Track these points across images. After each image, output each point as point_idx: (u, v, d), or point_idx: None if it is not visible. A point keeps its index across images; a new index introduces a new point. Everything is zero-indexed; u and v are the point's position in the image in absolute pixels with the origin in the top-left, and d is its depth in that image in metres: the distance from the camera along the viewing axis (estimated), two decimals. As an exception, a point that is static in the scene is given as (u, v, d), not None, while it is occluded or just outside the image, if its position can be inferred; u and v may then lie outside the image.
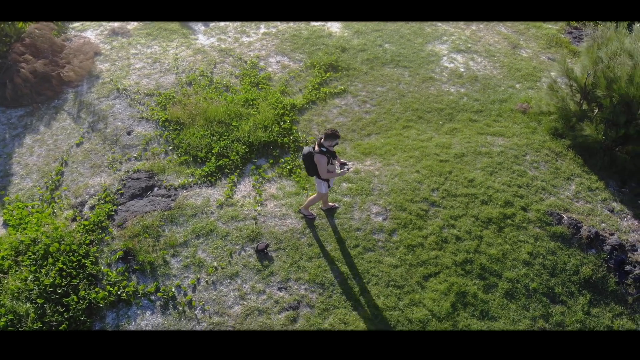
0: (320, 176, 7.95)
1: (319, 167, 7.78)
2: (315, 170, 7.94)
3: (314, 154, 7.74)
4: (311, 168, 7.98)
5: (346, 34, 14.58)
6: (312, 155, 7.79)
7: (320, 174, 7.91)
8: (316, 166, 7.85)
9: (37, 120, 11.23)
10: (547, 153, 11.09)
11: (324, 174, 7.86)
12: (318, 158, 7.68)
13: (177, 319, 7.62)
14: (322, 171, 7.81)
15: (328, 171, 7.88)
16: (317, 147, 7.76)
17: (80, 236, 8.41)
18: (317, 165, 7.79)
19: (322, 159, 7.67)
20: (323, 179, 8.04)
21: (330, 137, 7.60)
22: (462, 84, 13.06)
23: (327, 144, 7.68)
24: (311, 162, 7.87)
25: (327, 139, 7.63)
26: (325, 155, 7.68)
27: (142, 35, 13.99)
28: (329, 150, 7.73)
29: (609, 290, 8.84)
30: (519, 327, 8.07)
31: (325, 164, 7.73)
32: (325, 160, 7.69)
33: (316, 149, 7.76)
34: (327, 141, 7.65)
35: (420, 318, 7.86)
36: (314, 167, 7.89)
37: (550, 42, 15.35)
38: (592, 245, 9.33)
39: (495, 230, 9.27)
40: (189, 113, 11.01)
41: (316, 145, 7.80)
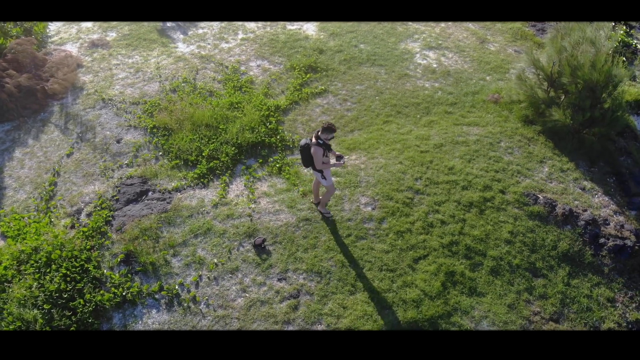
0: (316, 167, 8.30)
1: (315, 159, 8.13)
2: (311, 161, 8.29)
3: (311, 145, 8.10)
4: (307, 159, 8.34)
5: (322, 36, 15.00)
6: (309, 147, 8.15)
7: (315, 165, 8.26)
8: (312, 158, 8.19)
9: (24, 133, 11.28)
10: (519, 139, 11.69)
11: (318, 165, 8.22)
12: (314, 150, 8.05)
13: (182, 314, 7.86)
14: (317, 162, 8.17)
15: (323, 162, 8.24)
16: (314, 139, 8.11)
17: (80, 242, 8.56)
18: (313, 156, 8.14)
19: (318, 150, 8.04)
20: (317, 170, 8.39)
21: (327, 131, 7.98)
22: (435, 79, 13.61)
23: (324, 137, 8.05)
24: (308, 154, 8.22)
25: (324, 132, 8.00)
26: (322, 147, 8.05)
27: (122, 46, 14.12)
28: (325, 143, 8.10)
29: (585, 262, 9.45)
30: (505, 301, 8.58)
31: (321, 156, 8.10)
32: (321, 152, 8.05)
33: (313, 141, 8.12)
34: (324, 134, 8.02)
35: (414, 298, 8.28)
36: (310, 158, 8.25)
37: (515, 35, 16.08)
38: (567, 222, 9.94)
39: (476, 213, 9.78)
40: (176, 119, 11.24)
41: (313, 137, 8.15)
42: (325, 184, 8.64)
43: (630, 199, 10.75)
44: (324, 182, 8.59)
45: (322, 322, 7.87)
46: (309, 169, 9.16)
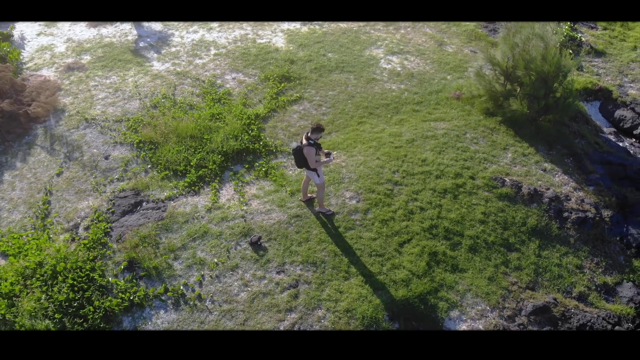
0: (310, 166, 8.85)
1: (309, 158, 8.69)
2: (304, 161, 8.84)
3: (303, 147, 8.65)
4: (301, 160, 8.88)
5: (291, 47, 15.65)
6: (301, 149, 8.70)
7: (309, 164, 8.81)
8: (305, 158, 8.74)
9: (11, 157, 11.41)
10: (483, 130, 12.60)
11: (312, 164, 8.78)
12: (307, 150, 8.61)
13: (190, 312, 8.24)
14: (311, 161, 8.73)
15: (316, 161, 8.81)
16: (304, 140, 8.67)
17: (83, 254, 8.82)
18: (306, 157, 8.68)
19: (310, 150, 8.60)
20: (312, 169, 8.94)
21: (316, 131, 8.56)
22: (401, 81, 14.45)
23: (314, 137, 8.63)
24: (301, 155, 8.77)
25: (313, 132, 8.58)
26: (314, 147, 8.61)
27: (98, 67, 14.37)
28: (316, 143, 8.67)
29: (553, 235, 10.33)
30: (485, 275, 9.32)
31: (314, 155, 8.67)
32: (313, 151, 8.62)
33: (304, 142, 8.67)
34: (313, 134, 8.60)
35: (403, 278, 8.92)
36: (303, 159, 8.79)
37: (470, 37, 17.16)
38: (533, 200, 10.82)
39: (451, 198, 10.55)
40: (161, 132, 11.61)
41: (304, 139, 8.71)
42: (318, 182, 9.20)
43: (587, 176, 11.76)
44: (317, 179, 9.15)
45: (322, 306, 8.39)
46: (302, 170, 9.66)
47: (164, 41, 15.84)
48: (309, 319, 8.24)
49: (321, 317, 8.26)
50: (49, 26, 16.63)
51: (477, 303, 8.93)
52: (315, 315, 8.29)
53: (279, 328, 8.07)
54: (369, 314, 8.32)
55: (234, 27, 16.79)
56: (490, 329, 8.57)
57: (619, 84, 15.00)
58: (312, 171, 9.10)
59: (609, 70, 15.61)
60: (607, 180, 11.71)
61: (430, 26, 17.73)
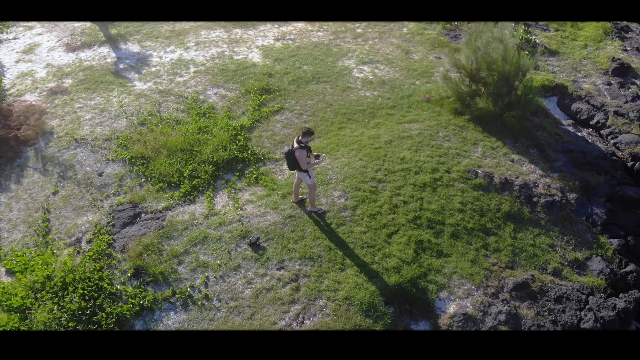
0: (302, 168, 9.42)
1: (300, 160, 9.27)
2: (296, 164, 9.41)
3: (295, 150, 9.23)
4: (293, 163, 9.45)
5: (268, 62, 16.30)
6: (293, 152, 9.27)
7: (301, 166, 9.39)
8: (296, 161, 9.31)
9: (5, 180, 11.57)
10: (453, 128, 13.48)
11: (304, 165, 9.36)
12: (299, 153, 9.19)
13: (199, 311, 8.65)
14: (302, 163, 9.31)
15: (307, 162, 9.40)
16: (296, 144, 9.26)
17: (89, 265, 9.13)
18: (298, 159, 9.26)
19: (302, 152, 9.19)
20: (304, 170, 9.52)
21: (307, 134, 9.17)
22: (374, 88, 15.26)
23: (305, 140, 9.22)
24: (292, 158, 9.34)
25: (304, 136, 9.18)
26: (304, 149, 9.20)
27: (81, 90, 14.65)
28: (307, 146, 9.27)
29: (525, 218, 11.19)
30: (468, 258, 10.06)
31: (305, 156, 9.26)
32: (304, 153, 9.21)
33: (295, 145, 9.25)
34: (304, 138, 9.20)
35: (394, 265, 9.56)
36: (295, 161, 9.36)
37: (433, 44, 18.20)
38: (504, 188, 11.69)
39: (430, 191, 11.30)
40: (152, 147, 12.00)
41: (295, 142, 9.29)
42: (309, 182, 9.79)
43: (551, 164, 12.74)
44: (309, 180, 9.73)
45: (322, 296, 8.93)
46: (293, 173, 10.17)
47: (143, 62, 16.24)
48: (312, 308, 8.76)
49: (322, 307, 8.80)
50: (27, 53, 16.80)
51: (463, 283, 9.64)
52: (317, 304, 8.82)
53: (284, 319, 8.56)
54: (367, 300, 8.91)
55: (210, 45, 17.34)
56: (477, 306, 9.28)
57: (573, 80, 16.23)
58: (303, 172, 9.68)
59: (563, 68, 16.85)
60: (570, 166, 12.72)
61: (395, 36, 18.70)
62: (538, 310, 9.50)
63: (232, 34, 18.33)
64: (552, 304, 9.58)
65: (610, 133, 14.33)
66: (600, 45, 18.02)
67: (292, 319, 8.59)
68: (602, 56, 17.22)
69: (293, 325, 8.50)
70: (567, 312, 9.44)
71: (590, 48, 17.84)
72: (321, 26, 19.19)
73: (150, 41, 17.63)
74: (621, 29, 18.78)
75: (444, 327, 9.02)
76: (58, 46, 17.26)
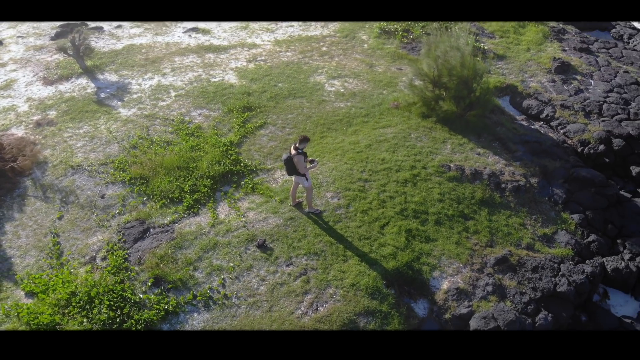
0: (300, 172, 10.28)
1: (299, 166, 10.13)
2: (294, 169, 10.26)
3: (293, 156, 10.09)
4: (291, 168, 10.30)
5: (244, 82, 17.15)
6: (291, 159, 10.12)
7: (300, 170, 10.25)
8: (294, 166, 10.17)
9: (7, 210, 11.81)
10: (423, 129, 14.72)
11: (302, 170, 10.24)
12: (297, 158, 10.06)
13: (220, 310, 9.28)
14: (301, 168, 10.18)
15: (305, 167, 10.27)
16: (293, 150, 10.12)
17: (110, 279, 9.60)
18: (297, 164, 10.12)
19: (300, 158, 10.07)
20: (302, 174, 10.38)
21: (303, 141, 10.06)
22: (346, 99, 16.38)
23: (302, 147, 10.10)
24: (291, 164, 10.19)
25: (301, 142, 10.07)
26: (302, 155, 10.08)
27: (67, 120, 15.00)
28: (303, 151, 10.15)
29: (497, 202, 12.45)
30: (452, 240, 11.17)
31: (303, 162, 10.13)
32: (302, 158, 10.10)
33: (293, 152, 10.12)
34: (301, 144, 10.08)
35: (390, 252, 10.53)
36: (293, 167, 10.22)
37: (393, 57, 19.60)
38: (475, 178, 12.95)
39: (412, 185, 12.41)
40: (149, 167, 12.56)
41: (292, 149, 10.16)
42: (307, 185, 10.66)
43: (512, 154, 14.15)
44: (307, 183, 10.61)
45: (331, 285, 9.77)
46: (291, 178, 10.99)
47: (123, 90, 16.73)
48: (323, 296, 9.58)
49: (332, 294, 9.63)
50: (5, 89, 16.95)
51: (452, 263, 10.72)
52: (327, 293, 9.65)
53: (300, 308, 9.33)
54: (371, 285, 9.82)
55: (186, 70, 18.03)
56: (467, 280, 10.36)
57: (522, 80, 17.94)
58: (301, 176, 10.56)
59: (511, 70, 18.58)
60: (529, 155, 14.18)
61: (358, 52, 20.00)
62: (519, 280, 10.68)
63: (205, 58, 19.10)
64: (530, 274, 10.79)
65: (559, 124, 15.98)
66: (541, 47, 19.96)
67: (307, 307, 9.36)
68: (545, 57, 19.11)
69: (309, 312, 9.28)
70: (544, 280, 10.66)
71: (533, 51, 19.74)
72: (288, 47, 20.26)
73: (127, 70, 18.13)
74: (558, 32, 20.86)
75: (440, 302, 10.02)
76: (35, 80, 17.49)
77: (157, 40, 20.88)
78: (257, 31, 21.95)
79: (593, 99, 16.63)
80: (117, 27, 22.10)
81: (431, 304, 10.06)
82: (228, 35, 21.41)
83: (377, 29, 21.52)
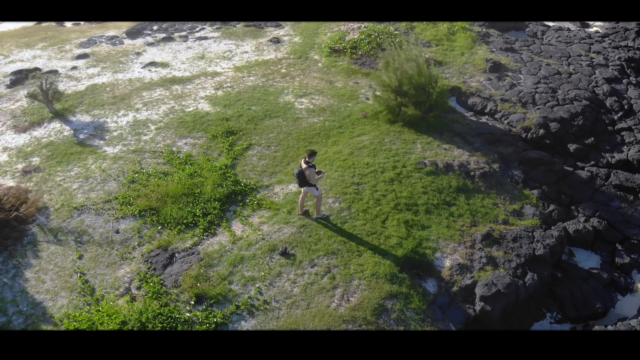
0: (311, 183, 11.33)
1: (310, 177, 11.19)
2: (306, 181, 11.29)
3: (304, 169, 11.12)
4: (303, 181, 11.32)
5: (218, 109, 17.88)
6: (303, 172, 11.15)
7: (311, 182, 11.30)
8: (306, 178, 11.20)
9: (21, 258, 11.78)
10: (394, 134, 16.26)
11: (313, 181, 11.30)
12: (309, 171, 11.11)
13: (264, 314, 10.08)
14: (312, 179, 11.24)
15: (315, 178, 11.34)
16: (304, 164, 11.15)
17: (154, 304, 10.08)
18: (308, 177, 11.16)
19: (311, 170, 11.13)
20: (312, 185, 11.42)
21: (312, 155, 11.14)
22: (318, 114, 17.62)
23: (311, 160, 11.16)
24: (303, 176, 11.22)
25: (310, 156, 11.14)
26: (312, 167, 11.14)
27: (54, 164, 14.98)
28: (313, 164, 11.22)
29: (470, 188, 14.16)
30: (443, 225, 12.67)
31: (314, 173, 11.20)
32: (313, 170, 11.16)
33: (304, 166, 11.15)
34: (310, 158, 11.15)
35: (396, 243, 11.82)
36: (305, 179, 11.24)
37: (348, 72, 21.14)
38: (448, 170, 14.61)
39: (398, 183, 13.82)
40: (156, 198, 13.02)
41: (302, 163, 11.19)
42: (317, 194, 11.72)
43: (472, 146, 16.03)
44: (316, 192, 11.67)
45: (355, 278, 10.87)
46: (303, 188, 11.99)
47: (101, 129, 16.88)
48: (350, 288, 10.65)
49: (358, 285, 10.73)
50: (-24, 141, 16.51)
51: (448, 244, 12.20)
52: (353, 285, 10.74)
53: (334, 301, 10.34)
54: (388, 272, 11.02)
55: (158, 104, 18.44)
56: (464, 256, 11.87)
57: (463, 81, 20.11)
58: (312, 187, 11.61)
59: (452, 73, 20.73)
60: (486, 145, 16.13)
61: (315, 71, 21.36)
62: (504, 250, 12.35)
63: (173, 90, 19.59)
64: (511, 244, 12.50)
65: (502, 116, 18.18)
66: (472, 51, 22.37)
67: (339, 300, 10.39)
68: (478, 59, 21.48)
69: (342, 304, 10.31)
70: (524, 247, 12.41)
71: (467, 54, 22.09)
72: (249, 72, 21.20)
73: (98, 109, 18.23)
74: (484, 35, 23.44)
75: (447, 278, 11.43)
76: (6, 130, 17.15)
77: (118, 77, 21.02)
78: (214, 60, 22.69)
79: (526, 91, 19.06)
80: (72, 69, 21.92)
81: (439, 281, 11.43)
82: (187, 66, 21.98)
83: (327, 48, 23.02)
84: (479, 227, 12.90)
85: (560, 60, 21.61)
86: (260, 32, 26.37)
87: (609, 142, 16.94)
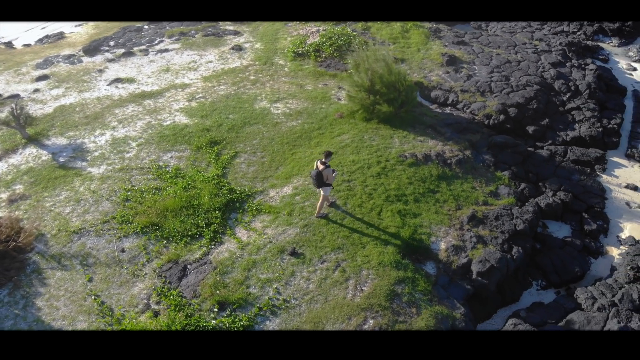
0: (328, 183, 11.90)
1: (328, 177, 11.81)
2: (322, 182, 11.82)
3: (322, 170, 11.66)
4: (320, 182, 11.86)
5: (196, 120, 17.96)
6: (321, 173, 11.69)
7: (329, 181, 11.91)
8: (323, 179, 11.75)
9: (27, 287, 11.57)
10: (372, 131, 17.04)
11: (331, 180, 11.89)
12: (327, 172, 11.72)
13: (286, 312, 10.54)
14: (330, 179, 11.85)
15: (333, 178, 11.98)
16: (321, 165, 11.69)
17: (179, 316, 10.29)
18: (326, 177, 11.74)
19: (329, 171, 11.75)
20: (329, 185, 11.98)
21: (328, 156, 11.76)
22: (296, 118, 18.10)
23: (328, 160, 11.72)
24: (321, 177, 11.75)
25: (327, 157, 11.76)
26: (329, 168, 11.72)
27: (39, 190, 14.63)
28: (329, 164, 11.79)
29: (449, 175, 15.17)
30: (432, 211, 13.57)
31: (332, 173, 11.77)
32: (331, 171, 11.76)
33: (321, 167, 11.69)
34: (327, 159, 11.74)
35: (394, 232, 12.59)
36: (322, 180, 11.78)
37: (315, 75, 21.72)
38: (427, 160, 15.55)
39: (384, 176, 14.61)
40: (155, 214, 13.10)
41: (319, 164, 11.72)
42: (327, 194, 12.31)
43: (444, 136, 17.07)
44: (328, 192, 12.25)
45: (363, 268, 11.53)
46: (320, 189, 12.47)
47: (80, 150, 16.57)
48: (361, 278, 11.30)
49: (368, 275, 11.40)
50: (-52, 175, 15.76)
51: (440, 228, 13.10)
52: (363, 275, 11.39)
53: (349, 292, 10.95)
54: (392, 260, 11.76)
55: (133, 120, 18.27)
56: (457, 238, 12.81)
57: (424, 76, 21.21)
58: (328, 186, 12.18)
59: (413, 69, 21.79)
60: (456, 134, 17.23)
61: (283, 75, 21.79)
62: (489, 229, 13.41)
63: (145, 105, 19.42)
64: (494, 222, 13.58)
65: (464, 105, 19.40)
66: (427, 46, 23.56)
67: (353, 290, 11.02)
68: (434, 54, 22.68)
69: (357, 294, 10.95)
70: (506, 224, 13.52)
71: (423, 50, 23.24)
72: (219, 81, 21.33)
73: (72, 131, 17.83)
74: (435, 31, 24.70)
75: (444, 260, 12.32)
76: (-22, 159, 16.46)
77: (85, 96, 20.54)
78: (180, 71, 22.60)
79: (482, 80, 20.40)
80: (34, 92, 21.17)
81: (437, 263, 12.30)
82: (154, 80, 21.79)
83: (290, 52, 23.49)
84: (464, 210, 13.90)
85: (508, 50, 23.21)
86: (220, 40, 26.42)
87: (562, 122, 18.53)
